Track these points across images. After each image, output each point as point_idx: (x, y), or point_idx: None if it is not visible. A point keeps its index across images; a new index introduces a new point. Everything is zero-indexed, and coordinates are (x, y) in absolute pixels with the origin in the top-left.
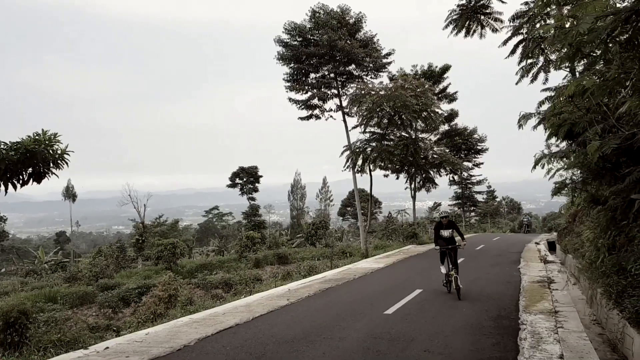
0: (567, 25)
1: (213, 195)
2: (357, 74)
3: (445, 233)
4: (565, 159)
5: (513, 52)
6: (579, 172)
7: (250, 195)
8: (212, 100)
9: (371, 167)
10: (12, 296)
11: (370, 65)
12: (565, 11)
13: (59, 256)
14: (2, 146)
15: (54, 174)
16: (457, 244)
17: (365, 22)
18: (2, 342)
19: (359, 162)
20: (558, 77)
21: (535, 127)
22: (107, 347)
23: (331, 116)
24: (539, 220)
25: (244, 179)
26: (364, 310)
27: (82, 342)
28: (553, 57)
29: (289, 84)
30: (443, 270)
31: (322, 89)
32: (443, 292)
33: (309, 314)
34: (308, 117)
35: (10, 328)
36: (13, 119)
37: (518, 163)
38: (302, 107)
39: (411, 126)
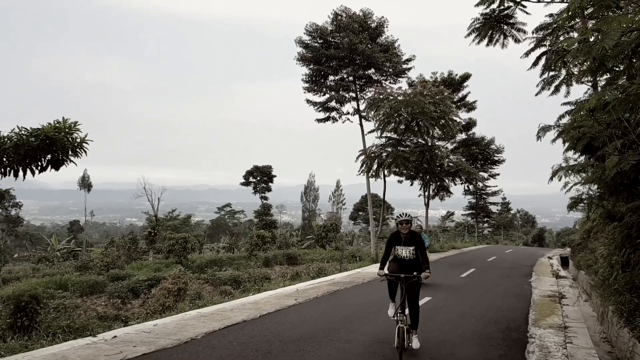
0: (591, 39)
1: (226, 192)
2: (376, 78)
3: (404, 251)
4: (582, 173)
5: (535, 63)
6: (595, 187)
7: (263, 195)
8: (231, 98)
9: (385, 173)
10: (24, 281)
11: (390, 70)
12: (590, 25)
13: (72, 245)
14: (22, 132)
15: (72, 161)
16: (416, 273)
17: (387, 26)
18: (12, 325)
19: (374, 166)
20: (580, 90)
21: (554, 140)
22: (115, 336)
23: (348, 119)
24: (552, 235)
25: (258, 178)
26: (372, 314)
27: (91, 330)
28: (575, 70)
29: (307, 85)
30: (391, 311)
31: (341, 92)
32: (453, 300)
33: (316, 315)
34: (325, 119)
35: (21, 312)
36: (34, 108)
37: (534, 176)
38: (320, 109)
39: (428, 133)
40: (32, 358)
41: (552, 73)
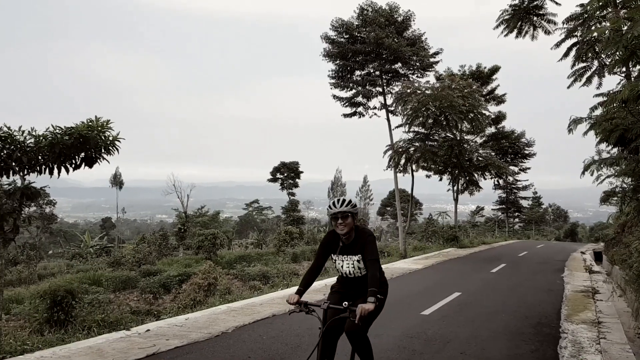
0: (624, 29)
1: (254, 188)
2: (403, 72)
3: (345, 264)
4: (615, 165)
5: (566, 54)
6: (629, 180)
7: (290, 191)
8: (259, 95)
9: (413, 167)
10: (59, 277)
11: (417, 64)
12: (622, 13)
13: (104, 241)
14: (57, 131)
15: (105, 159)
16: (348, 304)
17: (413, 20)
18: (49, 319)
19: (402, 161)
20: (612, 81)
21: (585, 132)
22: (148, 330)
23: (375, 114)
24: (585, 230)
25: (285, 174)
26: (401, 309)
27: (124, 324)
28: (607, 60)
29: (333, 80)
30: None
31: (367, 87)
32: (483, 296)
33: None
34: (351, 115)
35: (57, 306)
36: (65, 104)
37: (566, 170)
38: (346, 104)
39: (457, 127)
40: (69, 351)
41: (583, 64)
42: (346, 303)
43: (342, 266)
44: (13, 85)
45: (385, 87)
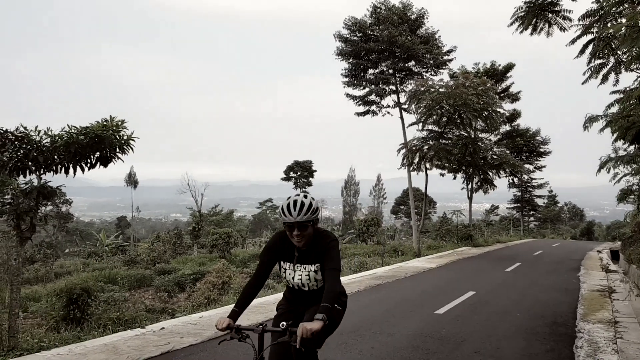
0: None
1: (267, 187)
2: (416, 70)
3: (297, 276)
4: (632, 163)
5: (582, 51)
6: None
7: (303, 189)
8: (272, 94)
9: (427, 166)
10: (75, 275)
11: (431, 62)
12: (639, 9)
13: (120, 240)
14: (72, 131)
15: (120, 158)
16: (287, 324)
17: (427, 18)
18: (65, 317)
19: (415, 160)
20: (629, 78)
21: (601, 130)
22: (163, 328)
23: (388, 112)
24: (602, 229)
25: (298, 173)
26: (415, 308)
27: (139, 322)
28: (624, 57)
29: (347, 79)
30: None
31: (380, 85)
32: (498, 295)
33: (358, 309)
34: (365, 113)
35: (73, 304)
36: (75, 103)
37: (582, 168)
38: (360, 102)
39: (471, 125)
40: (85, 348)
41: (599, 61)
42: (284, 323)
43: (293, 277)
44: (43, 87)
45: (398, 86)
